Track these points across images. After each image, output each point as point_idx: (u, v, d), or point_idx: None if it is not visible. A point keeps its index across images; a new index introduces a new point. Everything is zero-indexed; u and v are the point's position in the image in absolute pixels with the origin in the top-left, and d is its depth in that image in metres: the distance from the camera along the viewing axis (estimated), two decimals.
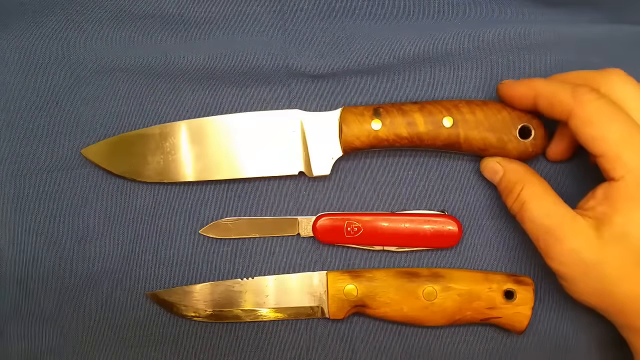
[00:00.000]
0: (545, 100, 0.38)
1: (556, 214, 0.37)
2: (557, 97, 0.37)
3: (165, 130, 0.43)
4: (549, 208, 0.37)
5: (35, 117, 0.44)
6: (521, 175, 0.39)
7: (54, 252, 0.43)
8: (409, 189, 0.44)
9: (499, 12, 0.46)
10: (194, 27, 0.45)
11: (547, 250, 0.37)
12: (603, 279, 0.35)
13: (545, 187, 0.38)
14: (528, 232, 0.38)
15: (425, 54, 0.44)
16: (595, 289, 0.36)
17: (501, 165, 0.41)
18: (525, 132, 0.41)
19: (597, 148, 0.36)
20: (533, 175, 0.39)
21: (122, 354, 0.43)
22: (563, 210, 0.37)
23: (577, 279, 0.36)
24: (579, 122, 0.36)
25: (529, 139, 0.41)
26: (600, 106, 0.36)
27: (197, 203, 0.44)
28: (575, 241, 0.36)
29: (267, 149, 0.43)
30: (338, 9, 0.45)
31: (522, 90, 0.40)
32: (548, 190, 0.38)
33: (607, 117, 0.36)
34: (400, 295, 0.41)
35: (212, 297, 0.42)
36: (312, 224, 0.43)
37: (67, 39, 0.45)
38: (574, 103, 0.36)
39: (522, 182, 0.39)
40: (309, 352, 0.43)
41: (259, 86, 0.45)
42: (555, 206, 0.37)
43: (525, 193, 0.38)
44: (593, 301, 0.37)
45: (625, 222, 0.35)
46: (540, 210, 0.37)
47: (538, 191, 0.38)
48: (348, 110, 0.42)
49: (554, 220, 0.36)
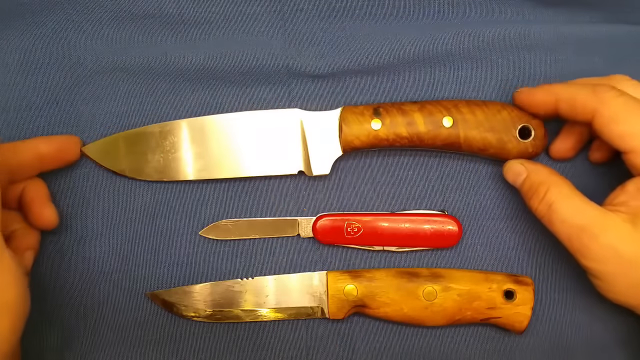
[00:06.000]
0: (566, 103, 0.38)
1: (588, 212, 0.36)
2: (579, 99, 0.37)
3: (165, 129, 0.43)
4: (579, 206, 0.36)
5: (35, 117, 0.44)
6: (545, 176, 0.39)
7: (54, 251, 0.43)
8: (409, 189, 0.44)
9: (499, 12, 0.46)
10: (194, 27, 0.45)
11: (582, 248, 0.36)
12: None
13: (571, 187, 0.38)
14: (558, 233, 0.37)
15: (425, 54, 0.44)
16: (634, 286, 0.35)
17: (525, 165, 0.40)
18: (525, 132, 0.41)
19: (626, 144, 0.36)
20: (557, 175, 0.39)
21: (122, 354, 0.43)
22: (594, 208, 0.36)
23: (615, 277, 0.35)
24: (604, 120, 0.36)
25: (528, 139, 0.41)
26: (625, 102, 0.36)
27: (197, 203, 0.44)
28: (611, 236, 0.35)
29: (267, 149, 0.43)
30: (338, 9, 0.45)
31: (542, 97, 0.39)
32: (574, 189, 0.37)
33: (633, 112, 0.35)
34: (400, 295, 0.41)
35: (212, 297, 0.42)
36: (312, 225, 0.43)
37: (67, 39, 0.45)
38: (597, 102, 0.36)
39: (546, 183, 0.38)
40: (309, 352, 0.43)
41: (259, 86, 0.45)
42: (585, 204, 0.36)
43: (552, 194, 0.37)
44: (632, 301, 0.36)
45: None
46: (570, 210, 0.36)
47: (565, 191, 0.37)
48: (348, 110, 0.42)
49: (587, 217, 0.36)
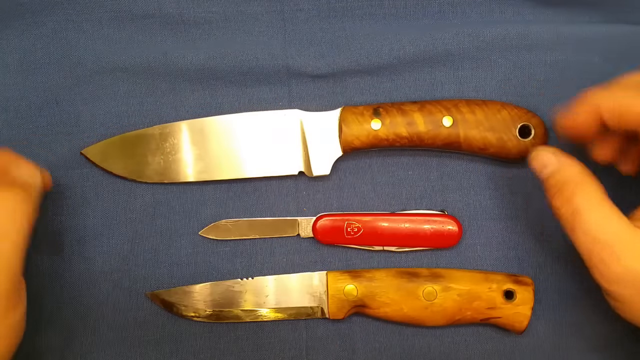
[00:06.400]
0: (611, 114, 0.34)
1: (615, 226, 0.32)
2: (626, 106, 0.33)
3: (165, 131, 0.43)
4: (607, 218, 0.32)
5: (35, 117, 0.44)
6: (575, 174, 0.34)
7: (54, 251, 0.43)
8: (409, 189, 0.44)
9: (499, 12, 0.46)
10: (194, 27, 0.45)
11: (602, 266, 0.32)
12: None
13: (602, 192, 0.33)
14: (577, 243, 0.33)
15: (425, 54, 0.44)
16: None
17: (557, 157, 0.35)
18: (525, 131, 0.41)
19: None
20: (589, 176, 0.34)
21: (122, 354, 0.43)
22: (621, 223, 0.32)
23: (633, 301, 0.32)
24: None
25: (528, 138, 0.41)
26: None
27: (197, 203, 0.44)
28: (633, 258, 0.31)
29: (267, 149, 0.43)
30: (338, 9, 0.45)
31: (584, 116, 0.35)
32: (605, 197, 0.33)
33: None
34: (400, 295, 0.41)
35: (212, 297, 0.42)
36: (312, 225, 0.43)
37: (67, 39, 0.45)
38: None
39: (576, 183, 0.34)
40: (309, 352, 0.43)
41: (259, 86, 0.45)
42: (613, 217, 0.32)
43: (580, 198, 0.33)
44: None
45: None
46: (596, 221, 0.32)
47: (594, 197, 0.33)
48: (348, 110, 0.42)
49: (613, 233, 0.32)
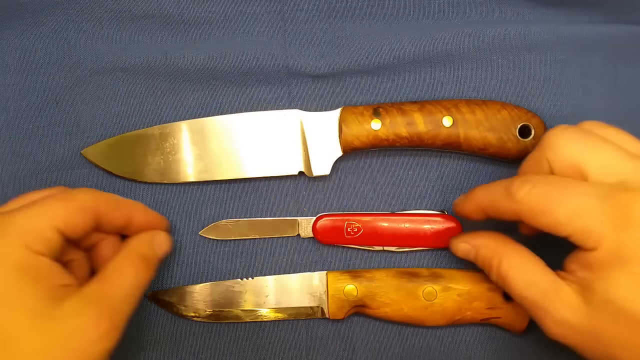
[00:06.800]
0: (490, 210, 0.37)
1: (539, 284, 0.34)
2: (497, 204, 0.35)
3: (165, 131, 0.43)
4: (531, 278, 0.34)
5: (35, 117, 0.44)
6: (494, 248, 0.37)
7: None
8: (409, 189, 0.44)
9: (499, 12, 0.46)
10: (194, 27, 0.45)
11: (540, 323, 0.34)
12: (608, 346, 0.32)
13: (524, 255, 0.36)
14: (520, 305, 0.36)
15: (425, 54, 0.44)
16: (605, 355, 0.32)
17: (470, 244, 0.39)
18: (525, 131, 0.41)
19: (561, 232, 0.33)
20: (508, 244, 0.37)
21: (122, 353, 0.42)
22: (546, 279, 0.34)
23: (581, 348, 0.33)
24: (529, 218, 0.34)
25: (528, 138, 0.41)
26: (539, 195, 0.33)
27: (197, 203, 0.44)
28: (563, 312, 0.33)
29: (267, 149, 0.43)
30: (338, 9, 0.45)
31: (471, 208, 0.38)
32: (528, 258, 0.35)
33: (553, 201, 0.33)
34: (400, 295, 0.41)
35: (212, 297, 0.42)
36: (312, 225, 0.43)
37: (67, 39, 0.45)
38: (514, 204, 0.34)
39: (498, 256, 0.36)
40: (309, 352, 0.43)
41: (259, 86, 0.45)
42: (537, 275, 0.34)
43: (504, 267, 0.35)
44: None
45: (606, 288, 0.31)
46: (522, 283, 0.34)
47: (516, 262, 0.35)
48: (348, 110, 0.42)
49: (538, 291, 0.34)
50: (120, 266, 0.36)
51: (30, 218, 0.33)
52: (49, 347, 0.31)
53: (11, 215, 0.33)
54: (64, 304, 0.32)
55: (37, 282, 0.32)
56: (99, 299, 0.34)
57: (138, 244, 0.38)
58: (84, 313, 0.32)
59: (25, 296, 0.31)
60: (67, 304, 0.32)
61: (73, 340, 0.32)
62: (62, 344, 0.31)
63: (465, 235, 0.40)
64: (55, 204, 0.34)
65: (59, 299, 0.32)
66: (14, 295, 0.31)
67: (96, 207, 0.36)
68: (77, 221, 0.35)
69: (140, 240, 0.38)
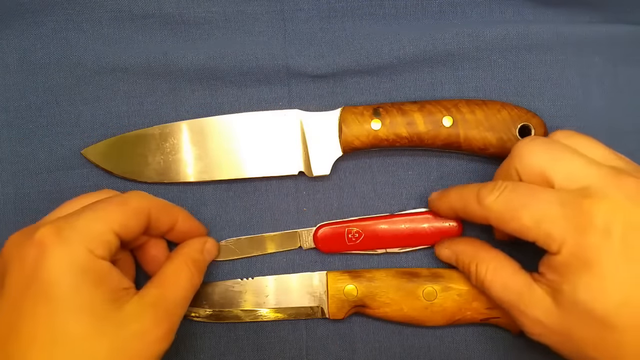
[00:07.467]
0: (461, 213, 0.38)
1: (514, 287, 0.36)
2: (467, 208, 0.37)
3: (165, 131, 0.43)
4: (506, 281, 0.36)
5: (35, 117, 0.44)
6: (471, 254, 0.39)
7: None
8: (409, 189, 0.44)
9: (499, 12, 0.46)
10: (194, 27, 0.45)
11: (518, 322, 0.36)
12: (579, 345, 0.33)
13: (499, 259, 0.37)
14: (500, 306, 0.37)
15: (425, 54, 0.44)
16: (578, 353, 0.34)
17: (450, 250, 0.41)
18: (525, 131, 0.41)
19: (528, 237, 0.34)
20: (484, 250, 0.39)
21: None
22: (521, 281, 0.35)
23: (556, 347, 0.35)
24: (497, 223, 0.35)
25: None
26: (507, 201, 0.35)
27: (197, 203, 0.44)
28: (536, 312, 0.34)
29: (267, 149, 0.43)
30: (338, 9, 0.45)
31: (444, 207, 0.40)
32: (503, 261, 0.37)
33: (519, 207, 0.34)
34: (400, 295, 0.41)
35: (212, 297, 0.42)
36: (312, 235, 0.43)
37: (67, 39, 0.45)
38: (482, 210, 0.36)
39: (475, 261, 0.38)
40: (309, 352, 0.43)
41: (259, 86, 0.45)
42: (511, 278, 0.36)
43: (481, 272, 0.37)
44: None
45: (573, 290, 0.33)
46: (498, 286, 0.36)
47: (492, 266, 0.37)
48: (348, 110, 0.42)
49: (513, 293, 0.36)
50: (176, 271, 0.37)
51: (91, 222, 0.34)
52: (112, 349, 0.32)
53: (72, 220, 0.34)
54: (124, 307, 0.33)
55: (100, 286, 0.33)
56: (157, 302, 0.35)
57: (191, 250, 0.39)
58: (143, 316, 0.34)
59: (89, 299, 0.32)
60: (127, 307, 0.33)
61: (134, 342, 0.33)
62: (124, 346, 0.32)
63: (447, 242, 0.42)
64: (112, 208, 0.35)
65: (120, 302, 0.33)
66: (80, 298, 0.32)
67: (148, 211, 0.37)
68: (132, 224, 0.36)
69: (193, 247, 0.40)
